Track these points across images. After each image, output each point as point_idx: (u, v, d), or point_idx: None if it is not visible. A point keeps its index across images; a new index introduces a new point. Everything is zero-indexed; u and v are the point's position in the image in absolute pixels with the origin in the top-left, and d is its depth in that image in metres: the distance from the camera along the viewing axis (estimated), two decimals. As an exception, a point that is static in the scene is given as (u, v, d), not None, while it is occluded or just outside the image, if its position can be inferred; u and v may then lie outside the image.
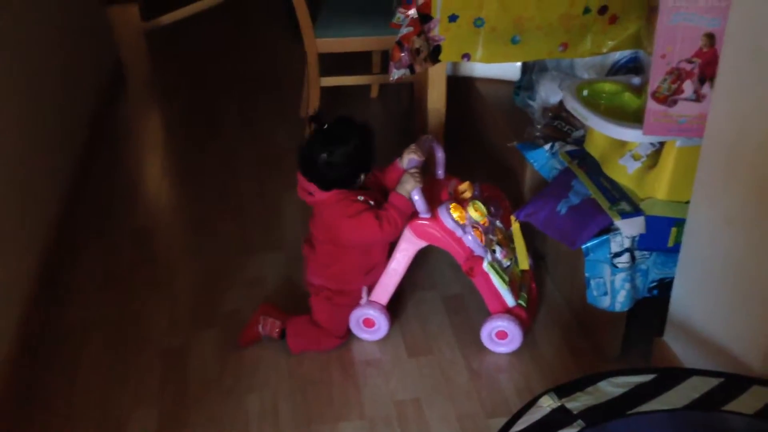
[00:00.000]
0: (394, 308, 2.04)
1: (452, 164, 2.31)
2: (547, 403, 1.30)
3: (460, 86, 2.60)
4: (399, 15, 2.04)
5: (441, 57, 2.09)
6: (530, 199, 1.96)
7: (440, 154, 1.98)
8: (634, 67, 2.14)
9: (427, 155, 1.92)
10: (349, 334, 1.94)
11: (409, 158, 1.87)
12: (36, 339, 1.94)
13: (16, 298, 1.90)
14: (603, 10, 2.08)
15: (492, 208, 1.95)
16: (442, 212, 1.82)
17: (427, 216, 1.83)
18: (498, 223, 1.95)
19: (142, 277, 2.21)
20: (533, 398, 1.30)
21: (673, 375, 1.38)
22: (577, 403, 1.29)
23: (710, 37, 1.49)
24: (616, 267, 1.71)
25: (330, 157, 1.76)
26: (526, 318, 1.92)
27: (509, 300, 1.87)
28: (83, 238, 2.38)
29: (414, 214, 1.85)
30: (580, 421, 1.25)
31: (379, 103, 3.29)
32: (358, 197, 1.81)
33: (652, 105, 1.58)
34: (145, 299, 2.11)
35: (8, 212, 1.92)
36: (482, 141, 2.53)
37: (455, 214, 1.81)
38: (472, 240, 1.82)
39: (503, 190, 2.13)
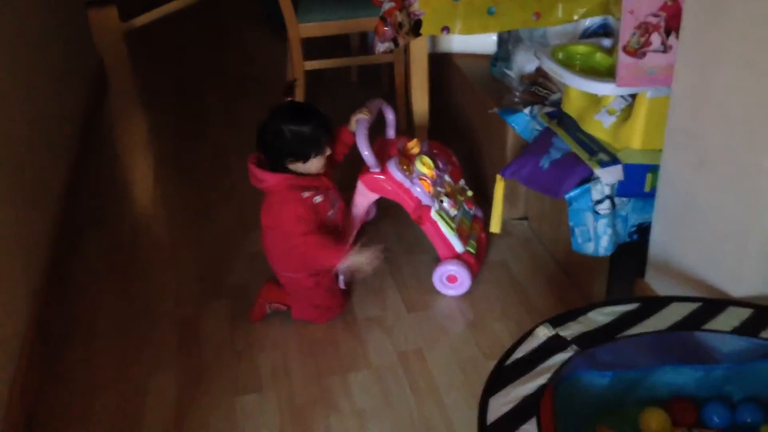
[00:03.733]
0: (391, 272, 2.15)
1: (434, 136, 2.43)
2: (543, 332, 1.41)
3: (439, 62, 2.71)
4: (380, -8, 2.14)
5: (422, 30, 2.20)
6: (513, 158, 2.07)
7: (390, 116, 2.12)
8: (604, 33, 2.26)
9: (376, 116, 2.03)
10: (346, 299, 2.04)
11: (357, 119, 1.97)
12: (50, 321, 2.01)
13: (26, 288, 1.97)
14: (572, -22, 2.20)
15: (440, 164, 2.11)
16: (390, 166, 1.97)
17: (377, 170, 1.97)
18: (447, 177, 2.11)
19: (146, 260, 2.29)
20: (530, 329, 1.42)
21: (655, 302, 1.50)
22: (569, 330, 1.40)
23: (673, -8, 1.61)
24: (598, 214, 1.83)
25: (268, 125, 1.81)
26: (474, 263, 2.08)
27: (458, 246, 2.04)
28: (84, 231, 2.46)
29: (365, 169, 1.98)
30: (573, 346, 1.36)
31: (359, 86, 3.39)
32: (303, 193, 1.83)
33: (623, 58, 1.70)
34: (151, 279, 2.20)
35: (8, 212, 1.98)
36: (463, 112, 2.64)
37: (403, 167, 1.96)
38: (420, 191, 1.99)
39: (485, 157, 2.25)
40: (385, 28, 2.13)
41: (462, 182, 2.23)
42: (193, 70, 3.72)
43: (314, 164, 1.86)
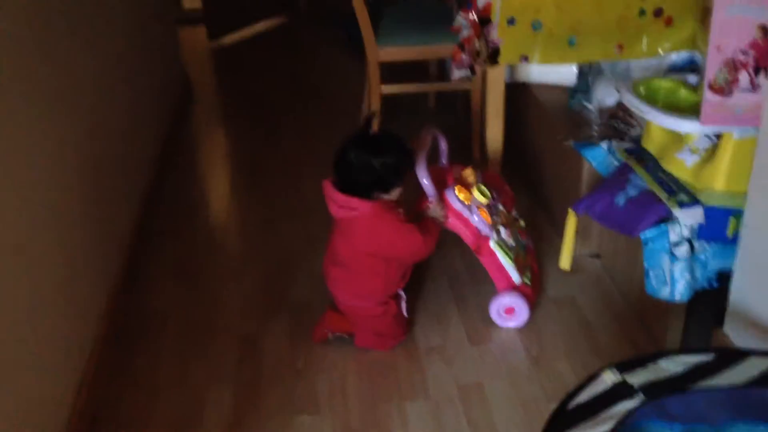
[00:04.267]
0: (456, 301, 2.12)
1: (506, 166, 2.39)
2: (609, 377, 1.35)
3: (516, 91, 2.68)
4: (459, 19, 2.14)
5: (500, 59, 2.18)
6: (587, 193, 2.02)
7: (443, 145, 2.07)
8: (690, 68, 2.19)
9: (432, 145, 1.99)
10: (408, 327, 2.01)
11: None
12: (120, 326, 2.07)
13: (102, 289, 2.04)
14: (658, 12, 2.14)
15: (494, 193, 2.05)
16: (449, 194, 1.93)
17: (433, 198, 1.92)
18: (500, 206, 2.06)
19: (215, 271, 2.34)
20: (594, 372, 1.36)
21: (731, 355, 1.42)
22: (637, 378, 1.34)
23: (764, 29, 1.54)
24: (675, 256, 1.75)
25: (354, 158, 1.79)
26: (531, 294, 2.04)
27: (515, 277, 1.98)
28: (160, 238, 2.53)
29: (423, 198, 1.94)
30: (640, 395, 1.30)
31: (436, 112, 3.39)
32: (399, 210, 1.86)
33: (709, 96, 1.63)
34: (218, 290, 2.23)
35: (92, 212, 2.06)
36: (537, 143, 2.59)
37: (461, 196, 1.92)
38: (478, 220, 1.93)
39: (556, 190, 2.19)
40: (463, 56, 2.12)
41: (515, 212, 2.17)
42: (274, 89, 3.81)
43: (395, 193, 1.86)
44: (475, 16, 2.12)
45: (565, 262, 2.02)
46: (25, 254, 1.56)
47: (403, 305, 2.00)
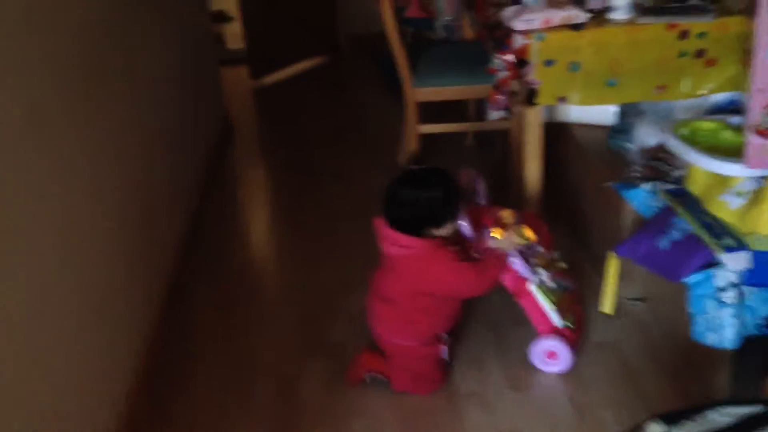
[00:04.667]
0: (496, 344, 2.09)
1: (546, 207, 2.37)
2: (654, 430, 1.31)
3: (554, 131, 2.66)
4: (496, 60, 2.14)
5: (537, 100, 2.17)
6: (629, 236, 1.98)
7: (481, 186, 2.05)
8: (733, 109, 2.15)
9: (470, 187, 1.99)
10: (447, 372, 1.99)
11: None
12: (158, 363, 2.08)
13: (142, 326, 2.06)
14: (700, 53, 2.11)
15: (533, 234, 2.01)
16: (485, 236, 1.90)
17: (472, 239, 1.90)
18: (539, 248, 2.01)
19: (252, 311, 2.34)
20: (638, 423, 1.32)
21: (784, 407, 1.36)
22: (683, 430, 1.30)
23: (811, 71, 1.51)
24: (722, 302, 1.70)
25: (405, 194, 1.79)
26: (574, 338, 1.98)
27: (556, 320, 1.94)
28: (198, 276, 2.55)
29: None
30: (688, 449, 1.25)
31: (474, 151, 3.38)
32: (453, 248, 1.85)
33: (753, 139, 1.60)
34: (255, 330, 2.24)
35: (131, 254, 2.09)
36: (577, 184, 2.56)
37: (499, 237, 1.90)
38: (518, 262, 1.90)
39: (597, 231, 2.15)
40: (499, 97, 2.12)
41: (555, 253, 2.13)
42: (314, 128, 3.85)
43: (447, 229, 1.84)
44: (512, 58, 2.12)
45: (607, 305, 1.98)
46: (65, 288, 1.58)
47: (445, 349, 1.97)
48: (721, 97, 2.17)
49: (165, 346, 2.16)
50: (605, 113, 2.52)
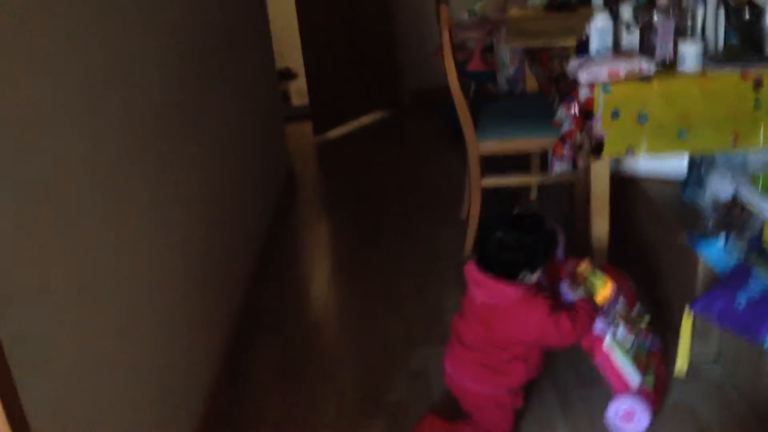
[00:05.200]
0: (562, 405, 2.00)
1: (615, 262, 2.29)
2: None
3: (623, 184, 2.59)
4: (561, 112, 2.11)
5: (604, 152, 2.12)
6: (704, 291, 1.88)
7: (561, 238, 1.99)
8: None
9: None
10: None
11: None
12: (216, 422, 2.07)
13: (197, 385, 2.05)
14: (776, 102, 2.03)
15: (614, 287, 1.93)
16: (562, 289, 1.86)
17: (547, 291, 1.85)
18: (620, 301, 1.94)
19: (313, 369, 2.31)
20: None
21: None
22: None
23: None
24: (808, 365, 1.59)
25: (504, 236, 1.77)
26: (653, 399, 1.88)
27: (635, 378, 1.85)
28: (260, 331, 2.55)
29: None
30: None
31: (538, 205, 3.32)
32: (546, 294, 1.81)
33: (838, 191, 1.51)
34: (314, 390, 2.20)
35: (193, 309, 2.10)
36: (648, 238, 2.47)
37: (575, 296, 1.84)
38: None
39: (668, 287, 2.05)
40: (565, 150, 2.08)
41: (638, 309, 2.05)
42: (376, 182, 3.86)
43: (538, 274, 1.82)
44: (577, 110, 2.08)
45: (681, 365, 1.88)
46: (127, 345, 1.59)
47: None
48: (799, 148, 2.08)
49: (225, 408, 2.15)
50: (675, 166, 2.44)
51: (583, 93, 2.08)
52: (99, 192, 1.50)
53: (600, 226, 2.27)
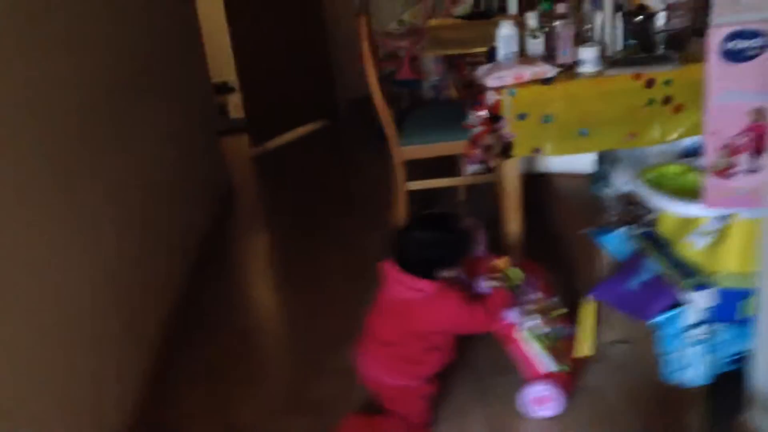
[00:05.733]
0: (479, 393, 2.10)
1: (533, 254, 2.41)
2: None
3: (538, 181, 2.73)
4: (471, 116, 2.23)
5: (513, 152, 2.24)
6: (603, 279, 2.02)
7: (481, 235, 2.11)
8: (701, 152, 2.21)
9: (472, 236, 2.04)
10: (431, 422, 2.01)
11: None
12: (142, 423, 2.12)
13: (129, 390, 2.10)
14: (667, 100, 2.19)
15: (532, 280, 2.07)
16: (480, 284, 1.97)
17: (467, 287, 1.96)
18: (539, 294, 2.06)
19: (241, 371, 2.37)
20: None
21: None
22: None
23: (759, 112, 1.57)
24: (691, 340, 1.73)
25: (422, 235, 1.87)
26: (567, 383, 1.99)
27: (548, 365, 1.96)
28: (191, 336, 2.59)
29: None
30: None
31: (467, 206, 3.44)
32: (460, 287, 1.91)
33: (710, 179, 1.66)
34: (243, 390, 2.26)
35: (127, 310, 2.16)
36: (558, 231, 2.61)
37: (491, 287, 1.95)
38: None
39: (579, 276, 2.19)
40: (474, 151, 2.20)
41: (555, 299, 2.18)
42: (312, 192, 3.94)
43: (455, 270, 1.91)
44: (486, 113, 2.21)
45: (583, 348, 2.00)
46: (54, 354, 1.64)
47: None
48: (690, 141, 2.23)
49: (152, 405, 2.20)
50: (585, 162, 2.60)
51: (491, 97, 2.20)
52: (24, 207, 1.55)
53: (514, 222, 2.40)
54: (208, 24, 4.47)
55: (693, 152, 2.22)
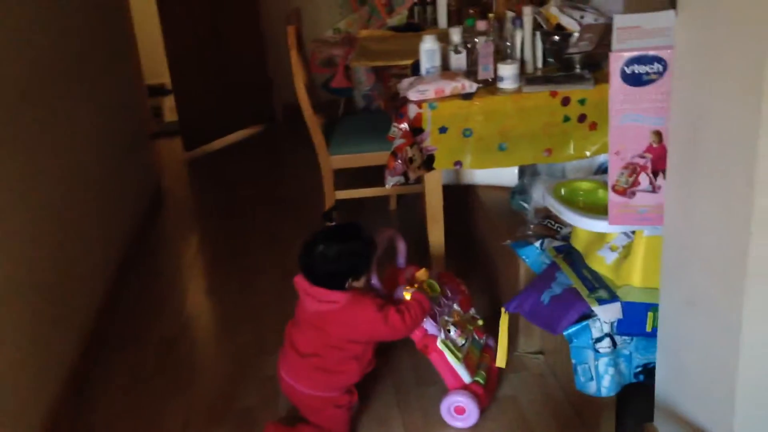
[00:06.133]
0: (399, 403, 2.13)
1: (454, 265, 2.45)
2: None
3: (463, 193, 2.77)
4: (393, 128, 2.26)
5: (435, 165, 2.28)
6: (518, 292, 2.07)
7: (401, 246, 2.16)
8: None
9: (387, 246, 2.09)
10: (352, 430, 2.03)
11: None
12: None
13: (44, 397, 2.06)
14: (582, 118, 2.26)
15: (449, 292, 2.12)
16: (397, 293, 1.99)
17: (384, 296, 2.00)
18: (455, 306, 2.10)
19: (165, 380, 2.36)
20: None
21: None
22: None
23: (658, 134, 1.64)
24: (598, 352, 1.79)
25: (325, 249, 1.88)
26: (483, 394, 2.04)
27: (465, 377, 2.01)
28: (114, 342, 2.57)
29: None
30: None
31: (397, 214, 3.48)
32: (373, 294, 1.94)
33: (613, 197, 1.72)
34: (165, 399, 2.25)
35: (43, 314, 2.12)
36: (484, 243, 2.67)
37: (407, 296, 1.97)
38: (426, 320, 1.98)
39: (501, 288, 2.24)
40: (396, 162, 2.22)
41: (472, 311, 2.22)
42: (245, 195, 3.93)
43: (364, 280, 1.94)
44: (407, 126, 2.24)
45: (501, 360, 2.05)
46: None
47: (355, 401, 2.04)
48: (605, 158, 2.31)
49: (73, 416, 2.16)
50: (509, 175, 2.65)
51: (413, 110, 2.23)
52: None
53: (436, 233, 2.44)
54: (145, 24, 4.41)
55: (606, 169, 2.30)
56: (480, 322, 2.21)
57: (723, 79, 1.34)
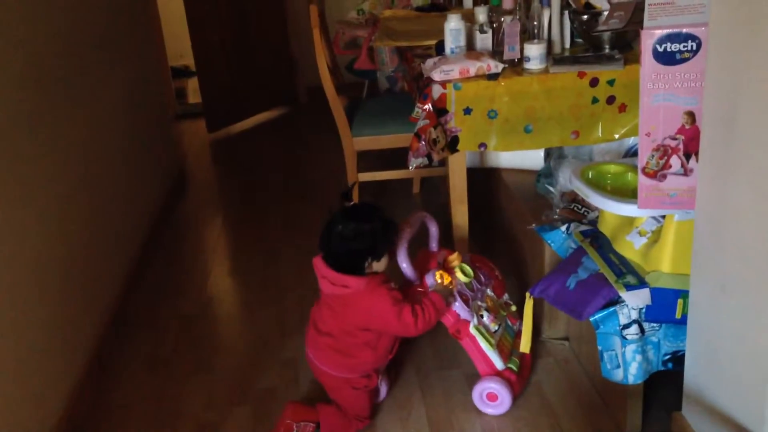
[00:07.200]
0: (422, 387, 2.11)
1: (483, 250, 2.41)
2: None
3: (488, 176, 2.73)
4: (417, 109, 2.22)
5: (459, 147, 2.24)
6: (543, 277, 2.03)
7: (433, 229, 2.10)
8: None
9: (419, 230, 2.04)
10: (372, 414, 2.01)
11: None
12: (83, 413, 2.09)
13: (69, 375, 2.08)
14: (611, 99, 2.20)
15: (482, 277, 2.07)
16: (428, 278, 1.94)
17: (415, 282, 1.96)
18: (489, 291, 2.05)
19: (186, 359, 2.36)
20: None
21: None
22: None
23: (691, 115, 1.59)
24: (626, 339, 1.75)
25: (343, 229, 1.84)
26: (516, 382, 1.99)
27: (497, 363, 1.95)
28: (137, 321, 2.58)
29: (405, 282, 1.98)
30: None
31: (420, 197, 3.45)
32: (392, 285, 1.91)
33: (643, 180, 1.67)
34: (186, 378, 2.25)
35: (70, 291, 2.13)
36: (509, 227, 2.62)
37: (439, 280, 1.93)
38: (458, 305, 1.94)
39: (526, 273, 2.20)
40: (419, 144, 2.19)
41: (506, 297, 2.18)
42: (267, 178, 3.92)
43: (384, 262, 1.89)
44: (431, 107, 2.20)
45: (524, 345, 2.01)
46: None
47: (383, 387, 2.02)
48: (634, 141, 2.25)
49: (92, 398, 2.18)
50: (534, 158, 2.60)
51: (437, 90, 2.19)
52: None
53: (460, 215, 2.40)
54: (169, 5, 4.40)
55: (635, 152, 2.24)
56: (513, 308, 2.17)
57: (763, 57, 1.29)
